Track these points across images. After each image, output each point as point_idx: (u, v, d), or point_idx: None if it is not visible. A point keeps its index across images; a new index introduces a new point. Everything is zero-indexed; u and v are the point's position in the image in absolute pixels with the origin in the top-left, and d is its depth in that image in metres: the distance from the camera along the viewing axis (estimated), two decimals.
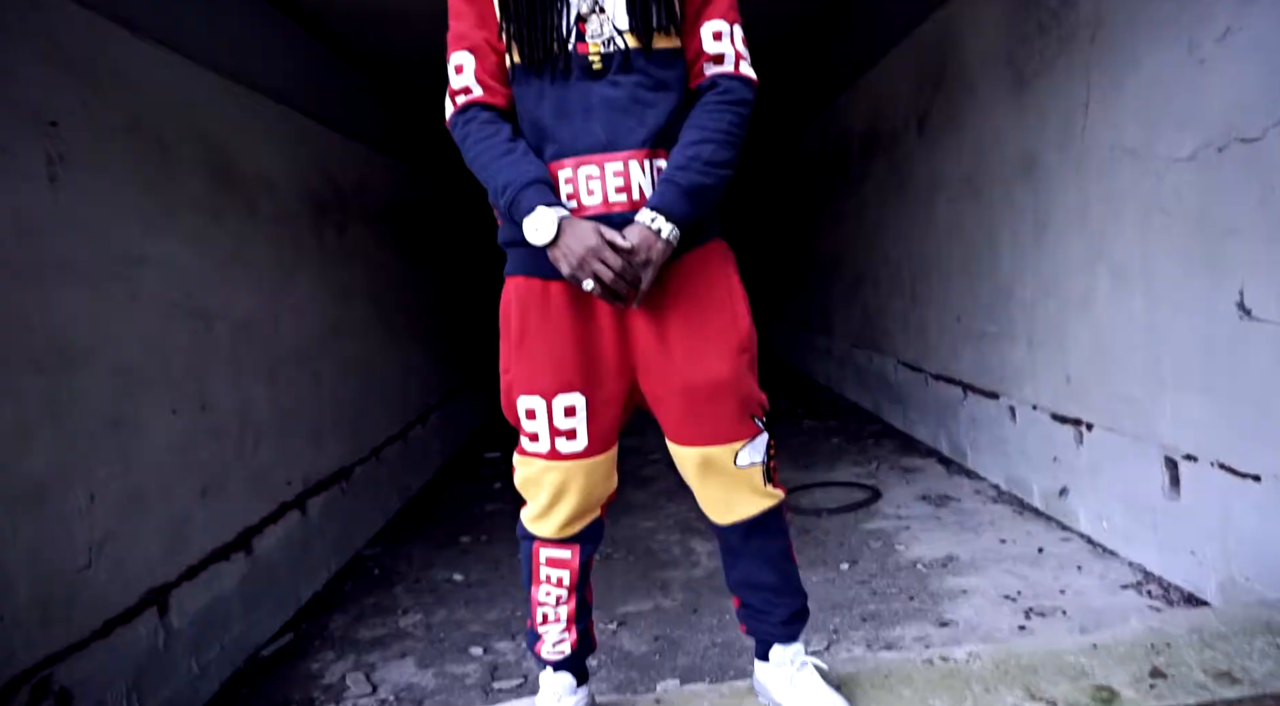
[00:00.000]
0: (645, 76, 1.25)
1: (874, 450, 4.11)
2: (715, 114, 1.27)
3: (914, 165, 3.70)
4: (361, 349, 3.83)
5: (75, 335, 1.91)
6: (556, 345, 1.29)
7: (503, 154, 1.25)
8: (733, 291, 1.34)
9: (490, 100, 1.28)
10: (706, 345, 1.28)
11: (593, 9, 1.25)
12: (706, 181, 1.24)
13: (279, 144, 3.17)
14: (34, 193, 1.82)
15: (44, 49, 1.90)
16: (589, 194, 1.25)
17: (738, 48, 1.30)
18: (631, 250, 1.20)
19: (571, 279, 1.22)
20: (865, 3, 4.12)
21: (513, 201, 1.22)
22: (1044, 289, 2.63)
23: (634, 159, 1.24)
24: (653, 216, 1.21)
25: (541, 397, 1.30)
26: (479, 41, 1.28)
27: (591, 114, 1.24)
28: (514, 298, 1.33)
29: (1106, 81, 2.17)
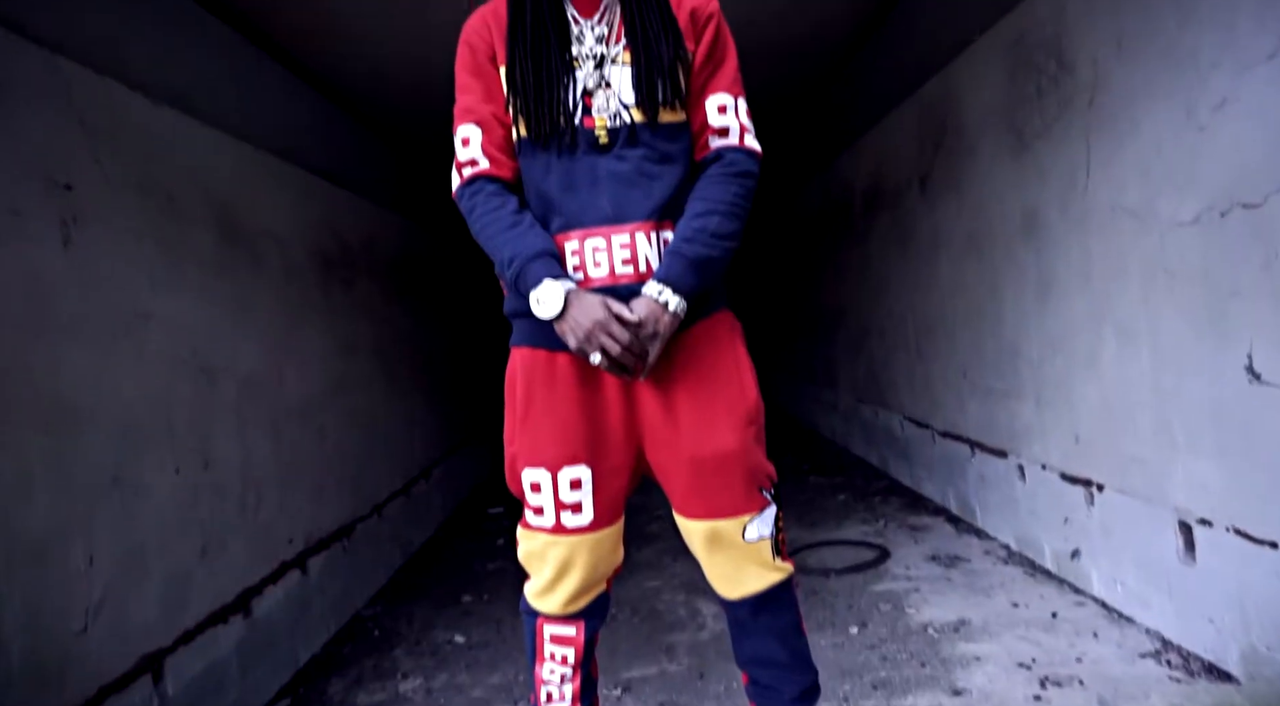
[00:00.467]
0: (651, 150, 1.27)
1: (881, 507, 4.05)
2: (721, 186, 1.28)
3: (917, 222, 3.73)
4: (366, 403, 3.83)
5: (80, 392, 1.91)
6: (562, 417, 1.28)
7: (509, 226, 1.26)
8: (739, 362, 1.34)
9: (497, 172, 1.30)
10: (714, 417, 1.28)
11: (599, 84, 1.27)
12: (713, 254, 1.25)
13: (287, 201, 3.22)
14: (47, 254, 1.84)
15: (62, 113, 1.94)
16: (595, 266, 1.26)
17: (742, 120, 1.33)
18: (639, 323, 1.20)
19: (579, 352, 1.22)
20: (867, 63, 4.21)
21: (519, 274, 1.23)
22: (1050, 347, 2.62)
23: (641, 231, 1.26)
24: (660, 289, 1.22)
25: (547, 470, 1.29)
26: (486, 115, 1.30)
27: (598, 187, 1.26)
28: (519, 369, 1.33)
29: (1106, 144, 2.20)
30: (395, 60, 3.53)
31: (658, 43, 1.27)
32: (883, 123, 4.09)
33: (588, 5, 1.32)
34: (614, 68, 1.28)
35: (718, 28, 1.35)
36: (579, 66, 1.28)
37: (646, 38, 1.27)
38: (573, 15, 1.31)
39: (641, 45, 1.27)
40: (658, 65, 1.26)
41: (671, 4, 1.32)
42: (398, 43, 3.36)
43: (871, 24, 3.94)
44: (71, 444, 1.86)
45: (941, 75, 3.28)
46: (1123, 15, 2.07)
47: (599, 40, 1.29)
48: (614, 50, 1.29)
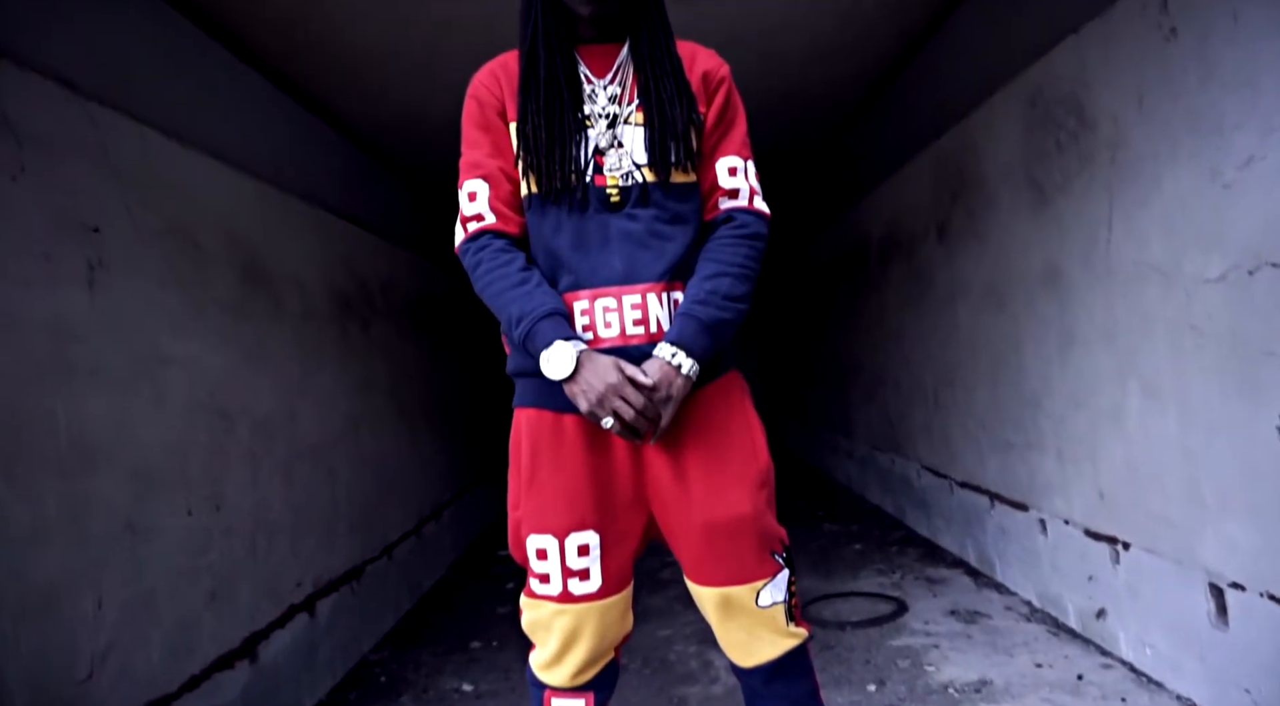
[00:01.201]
0: (663, 210, 1.27)
1: (898, 558, 3.98)
2: (732, 248, 1.28)
3: (934, 272, 3.72)
4: (379, 444, 3.82)
5: (98, 437, 1.90)
6: (570, 481, 1.25)
7: (517, 284, 1.24)
8: (750, 424, 1.32)
9: (504, 228, 1.29)
10: (726, 480, 1.25)
11: (611, 143, 1.27)
12: (725, 316, 1.24)
13: (308, 243, 3.25)
14: (73, 298, 1.85)
15: (94, 160, 1.97)
16: (606, 326, 1.24)
17: (752, 183, 1.33)
18: (653, 387, 1.18)
19: (590, 416, 1.19)
20: (882, 115, 4.25)
21: (529, 333, 1.21)
22: (1073, 402, 2.59)
23: (652, 292, 1.24)
24: (673, 351, 1.20)
25: (553, 536, 1.25)
26: (493, 170, 1.30)
27: (609, 246, 1.25)
28: (524, 431, 1.30)
29: (1128, 200, 2.19)
30: (420, 106, 3.60)
31: (672, 105, 1.27)
32: (899, 172, 4.11)
33: (601, 65, 1.32)
34: (627, 127, 1.28)
35: (729, 91, 1.36)
36: (591, 125, 1.28)
37: (660, 100, 1.28)
38: (585, 74, 1.31)
39: (655, 107, 1.27)
40: (671, 128, 1.26)
41: (685, 67, 1.32)
42: (423, 91, 3.42)
43: (886, 78, 3.99)
44: (88, 489, 1.85)
45: (958, 128, 3.30)
46: (1143, 73, 2.08)
47: (612, 100, 1.30)
48: (627, 110, 1.29)
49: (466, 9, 2.76)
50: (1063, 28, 2.44)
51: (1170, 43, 1.96)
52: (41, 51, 1.84)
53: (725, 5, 2.99)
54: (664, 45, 1.31)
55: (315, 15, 2.72)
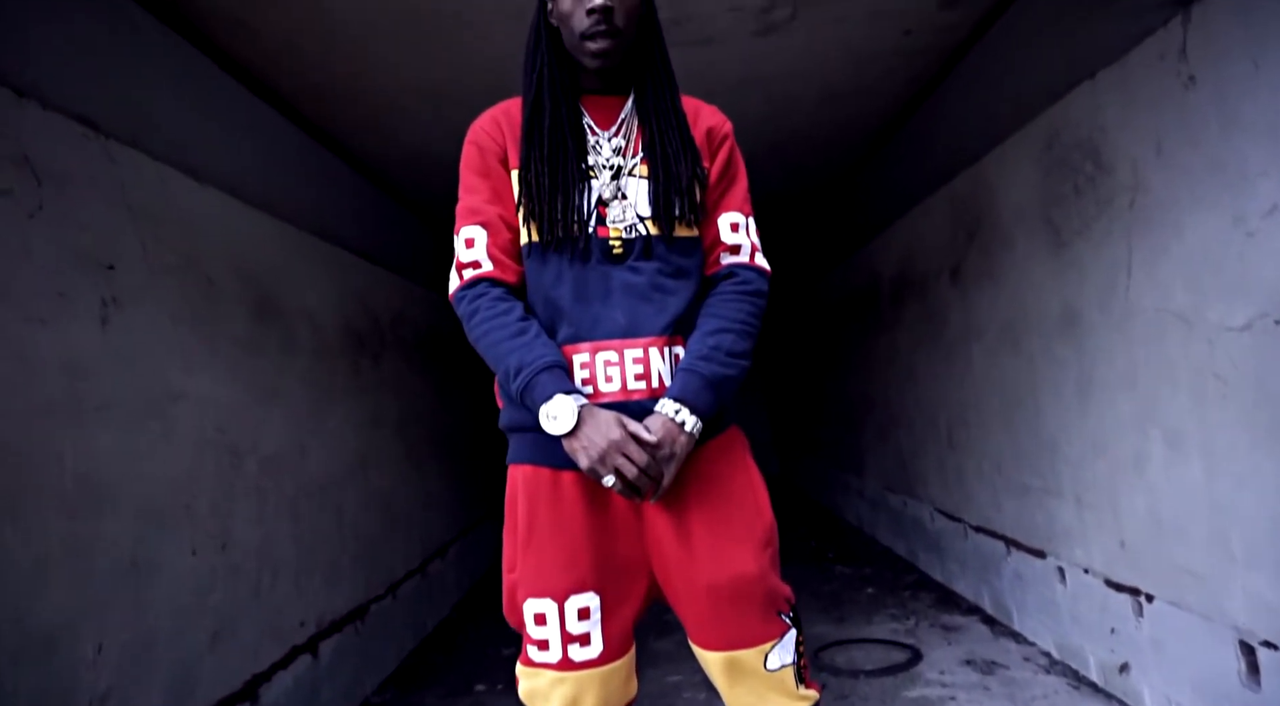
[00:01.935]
0: (665, 263, 1.25)
1: (911, 603, 3.90)
2: (734, 304, 1.26)
3: (948, 312, 3.70)
4: (386, 480, 3.78)
5: (105, 475, 1.88)
6: (569, 541, 1.21)
7: (515, 334, 1.21)
8: (753, 481, 1.29)
9: (501, 276, 1.26)
10: (730, 540, 1.22)
11: (615, 195, 1.26)
12: (728, 373, 1.22)
13: (322, 278, 3.26)
14: (85, 335, 1.85)
15: (111, 197, 1.98)
16: (607, 381, 1.21)
17: (753, 239, 1.32)
18: (656, 444, 1.15)
19: (590, 473, 1.16)
20: (894, 156, 4.26)
21: (527, 386, 1.17)
22: (1092, 448, 2.55)
23: (654, 346, 1.22)
24: (676, 408, 1.18)
25: (552, 600, 1.21)
26: (492, 216, 1.28)
27: (611, 298, 1.23)
28: (520, 489, 1.26)
29: (1149, 246, 2.17)
30: (433, 142, 3.62)
31: (677, 160, 1.27)
32: (911, 212, 4.11)
33: (605, 116, 1.32)
34: (631, 180, 1.27)
35: (732, 148, 1.36)
36: (595, 176, 1.27)
37: (665, 153, 1.27)
38: (589, 125, 1.31)
39: (660, 161, 1.27)
40: (676, 182, 1.26)
41: (688, 120, 1.32)
42: (437, 127, 3.45)
43: (898, 120, 4.01)
44: (92, 528, 1.83)
45: (972, 170, 3.30)
46: (1162, 120, 2.07)
47: (616, 151, 1.29)
48: (631, 162, 1.28)
49: (480, 49, 2.78)
50: (1078, 73, 2.44)
51: (1190, 90, 1.95)
52: (65, 92, 1.86)
53: (737, 50, 3.02)
54: (669, 99, 1.31)
55: (334, 56, 2.75)
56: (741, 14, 2.76)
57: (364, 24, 2.57)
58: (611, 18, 1.23)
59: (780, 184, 5.08)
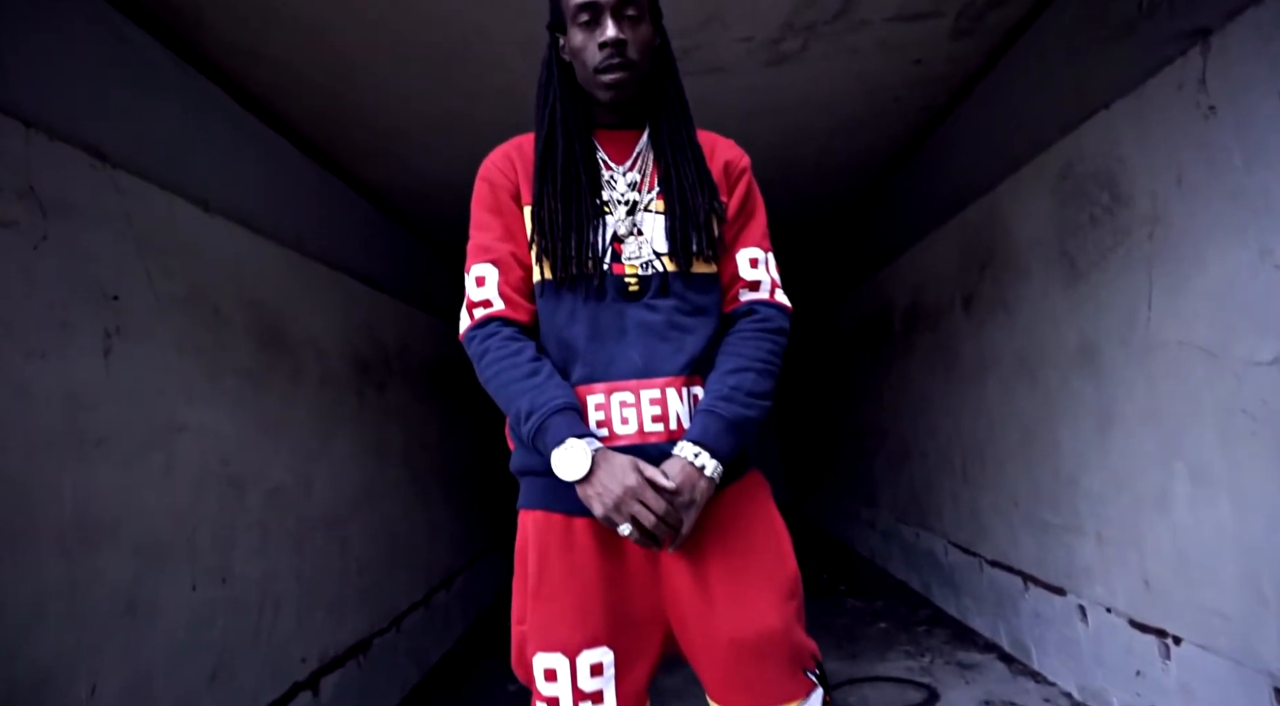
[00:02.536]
0: (683, 301, 1.21)
1: (926, 639, 3.81)
2: (754, 342, 1.22)
3: (961, 343, 3.65)
4: (391, 510, 3.73)
5: (103, 510, 1.84)
6: (581, 592, 1.15)
7: (526, 375, 1.16)
8: (776, 529, 1.23)
9: (513, 315, 1.23)
10: (751, 592, 1.16)
11: (630, 231, 1.23)
12: (749, 414, 1.17)
13: (329, 307, 3.23)
14: (88, 366, 1.82)
15: (118, 227, 1.96)
16: (623, 422, 1.16)
17: (773, 275, 1.29)
18: (675, 490, 1.10)
19: (605, 521, 1.10)
20: (904, 186, 4.24)
21: (539, 429, 1.13)
22: (1114, 484, 2.48)
23: (672, 386, 1.17)
24: (696, 451, 1.13)
25: (563, 655, 1.15)
26: (504, 254, 1.24)
27: (627, 337, 1.18)
28: (531, 536, 1.21)
29: (1170, 278, 2.13)
30: (443, 171, 3.62)
31: (694, 194, 1.23)
32: (923, 242, 4.07)
33: (620, 151, 1.29)
34: (646, 215, 1.24)
35: (750, 182, 1.33)
36: (610, 211, 1.23)
37: (682, 187, 1.24)
38: (604, 160, 1.28)
39: (677, 195, 1.23)
40: (693, 217, 1.22)
41: (705, 154, 1.29)
42: (447, 156, 3.45)
43: (909, 149, 4.00)
44: (89, 565, 1.79)
45: (985, 200, 3.27)
46: (1181, 151, 2.04)
47: (631, 186, 1.26)
48: (646, 197, 1.25)
49: (489, 78, 2.78)
50: (1093, 104, 2.42)
51: (1210, 120, 1.92)
52: (74, 122, 1.85)
53: (748, 79, 3.01)
54: (684, 132, 1.28)
55: (344, 85, 2.76)
56: (752, 44, 2.75)
57: (374, 54, 2.57)
58: (624, 50, 1.20)
59: (790, 213, 5.06)
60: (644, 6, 1.24)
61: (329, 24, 2.37)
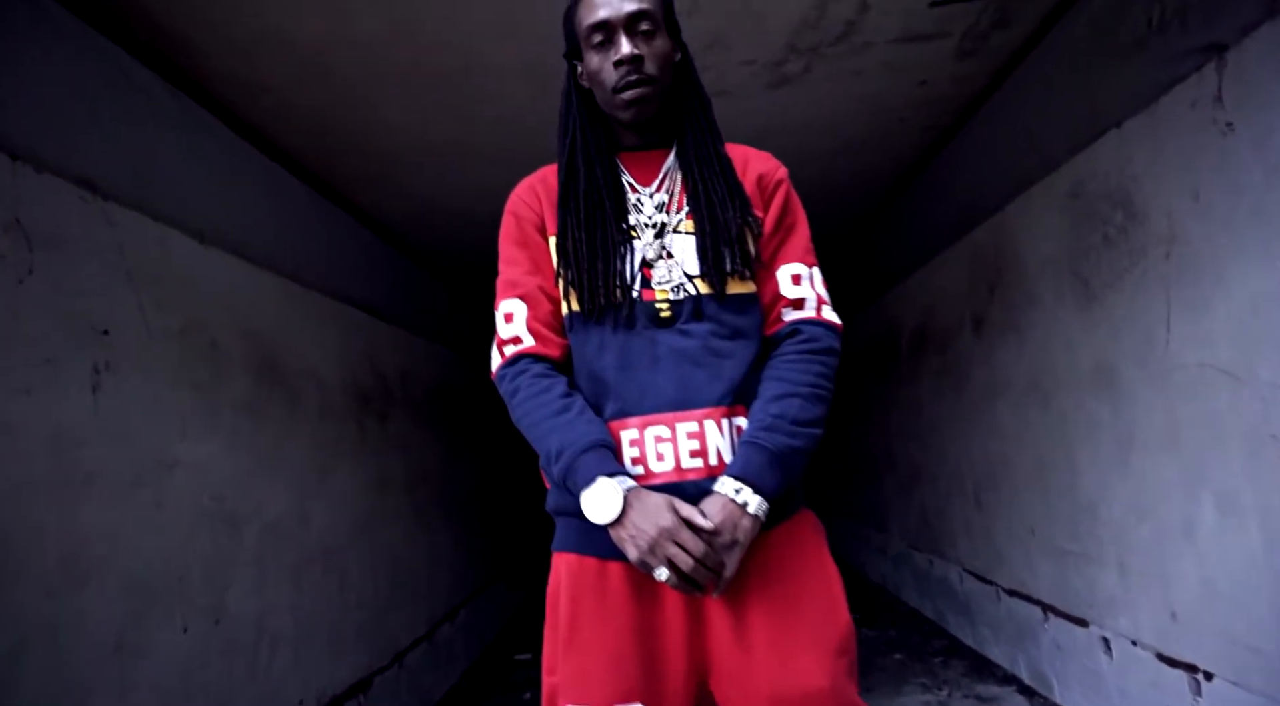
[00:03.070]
0: (719, 324, 1.14)
1: (942, 671, 3.70)
2: (800, 365, 1.14)
3: (971, 366, 3.58)
4: (392, 543, 3.66)
5: (90, 550, 1.78)
6: (614, 641, 1.08)
7: (556, 412, 1.11)
8: (827, 576, 1.14)
9: (543, 351, 1.17)
10: (798, 645, 1.07)
11: (659, 254, 1.17)
12: (796, 444, 1.08)
13: (328, 337, 3.19)
14: (75, 403, 1.77)
15: (109, 260, 1.92)
16: (659, 459, 1.09)
17: (819, 291, 1.21)
18: (714, 530, 1.02)
19: (640, 566, 1.03)
20: (909, 208, 4.20)
21: (568, 469, 1.07)
22: (1135, 511, 2.40)
23: (710, 418, 1.10)
24: (737, 487, 1.05)
25: None
26: (532, 288, 1.19)
27: (659, 366, 1.11)
28: (564, 581, 1.14)
29: (1189, 300, 2.07)
30: (444, 197, 3.59)
31: (723, 208, 1.17)
32: (930, 264, 4.02)
33: (646, 173, 1.23)
34: (676, 236, 1.18)
35: (787, 194, 1.25)
36: (637, 236, 1.18)
37: (711, 203, 1.17)
38: (629, 183, 1.22)
39: (705, 212, 1.17)
40: (724, 233, 1.15)
41: (737, 170, 1.23)
42: (448, 182, 3.42)
43: (915, 169, 3.96)
44: (75, 606, 1.72)
45: (994, 220, 3.22)
46: (1198, 168, 1.99)
47: (659, 208, 1.20)
48: (675, 218, 1.19)
49: (488, 103, 2.75)
50: (1103, 122, 2.37)
51: (1228, 137, 1.87)
52: (64, 154, 1.82)
53: (751, 102, 2.98)
54: (711, 146, 1.22)
55: (341, 112, 2.73)
56: (755, 67, 2.72)
57: (372, 81, 2.55)
58: (641, 66, 1.16)
59: None
60: (658, 20, 1.19)
61: (327, 52, 2.34)
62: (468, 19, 2.25)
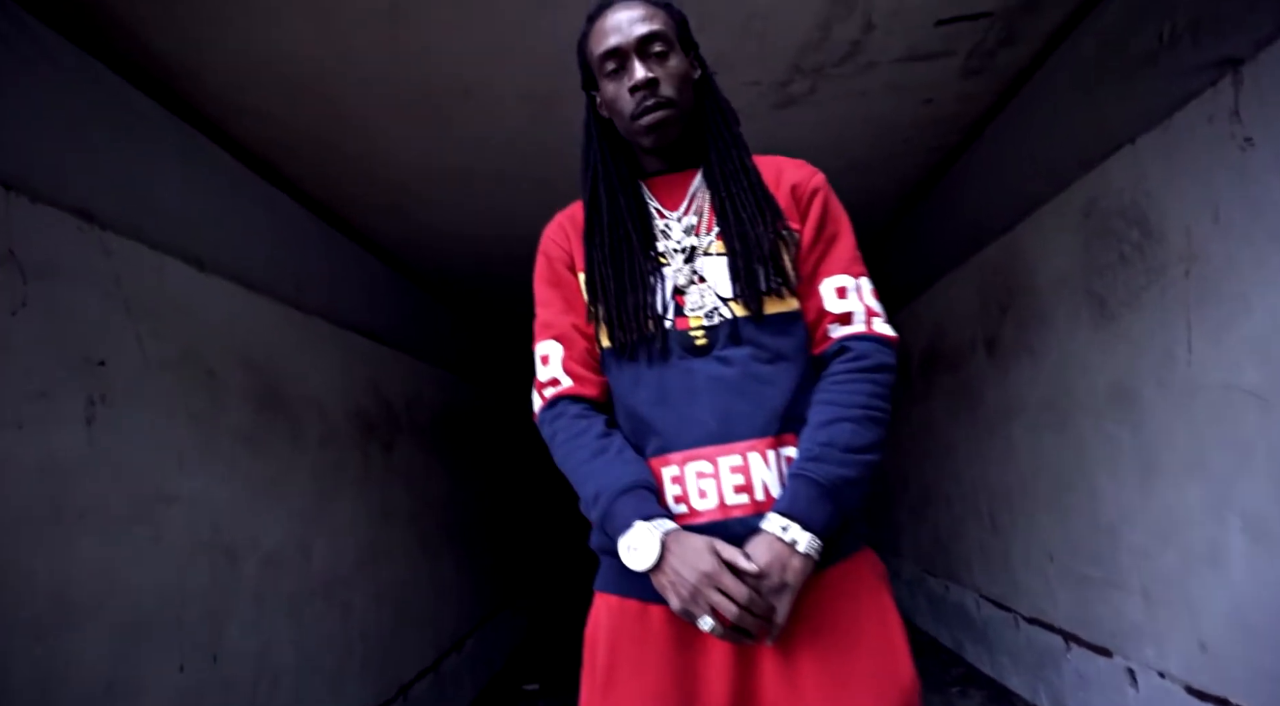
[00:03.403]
0: (759, 348, 1.07)
1: (961, 701, 3.60)
2: (849, 386, 1.05)
3: (984, 387, 3.52)
4: (397, 573, 3.60)
5: (82, 589, 1.73)
6: (656, 689, 1.01)
7: (594, 454, 1.05)
8: (888, 623, 1.05)
9: (581, 391, 1.12)
10: (854, 700, 0.99)
11: (691, 279, 1.10)
12: (848, 474, 1.00)
13: (331, 364, 3.15)
14: (68, 437, 1.72)
15: (106, 290, 1.89)
16: (701, 496, 1.02)
17: (868, 302, 1.12)
18: (760, 573, 0.95)
19: (684, 615, 0.96)
20: (917, 228, 4.16)
21: (605, 514, 1.01)
22: (1159, 536, 2.33)
23: (755, 450, 1.03)
24: (784, 525, 0.97)
25: None
26: (566, 328, 1.15)
27: (698, 398, 1.05)
28: (604, 624, 1.07)
29: (1210, 318, 2.01)
30: (449, 221, 3.57)
31: (753, 224, 1.10)
32: (939, 284, 3.98)
33: (673, 196, 1.18)
34: (707, 259, 1.12)
35: (825, 201, 1.17)
36: (667, 262, 1.12)
37: (739, 220, 1.11)
38: (656, 208, 1.17)
39: (734, 229, 1.10)
40: (755, 250, 1.08)
41: (769, 182, 1.16)
42: (452, 205, 3.40)
43: (922, 188, 3.93)
44: (65, 647, 1.67)
45: (1004, 239, 3.18)
46: (1216, 185, 1.94)
47: (688, 231, 1.14)
48: (705, 240, 1.13)
49: (491, 128, 2.73)
50: (1115, 139, 2.33)
51: (1247, 152, 1.82)
52: (60, 183, 1.79)
53: (756, 123, 2.95)
54: (737, 160, 1.15)
55: (343, 137, 2.71)
56: (760, 88, 2.70)
57: (373, 106, 2.53)
58: (657, 89, 1.11)
59: None
60: (671, 39, 1.14)
61: (328, 77, 2.32)
62: (467, 43, 2.24)
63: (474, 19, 2.13)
